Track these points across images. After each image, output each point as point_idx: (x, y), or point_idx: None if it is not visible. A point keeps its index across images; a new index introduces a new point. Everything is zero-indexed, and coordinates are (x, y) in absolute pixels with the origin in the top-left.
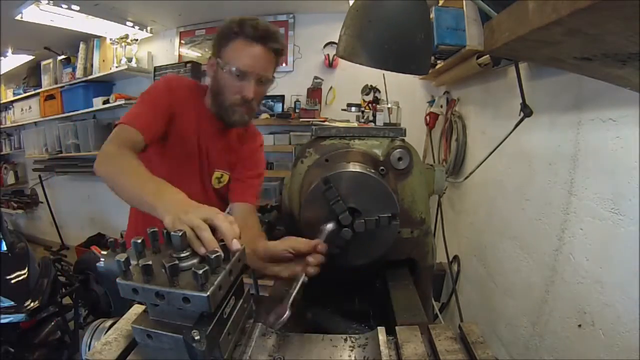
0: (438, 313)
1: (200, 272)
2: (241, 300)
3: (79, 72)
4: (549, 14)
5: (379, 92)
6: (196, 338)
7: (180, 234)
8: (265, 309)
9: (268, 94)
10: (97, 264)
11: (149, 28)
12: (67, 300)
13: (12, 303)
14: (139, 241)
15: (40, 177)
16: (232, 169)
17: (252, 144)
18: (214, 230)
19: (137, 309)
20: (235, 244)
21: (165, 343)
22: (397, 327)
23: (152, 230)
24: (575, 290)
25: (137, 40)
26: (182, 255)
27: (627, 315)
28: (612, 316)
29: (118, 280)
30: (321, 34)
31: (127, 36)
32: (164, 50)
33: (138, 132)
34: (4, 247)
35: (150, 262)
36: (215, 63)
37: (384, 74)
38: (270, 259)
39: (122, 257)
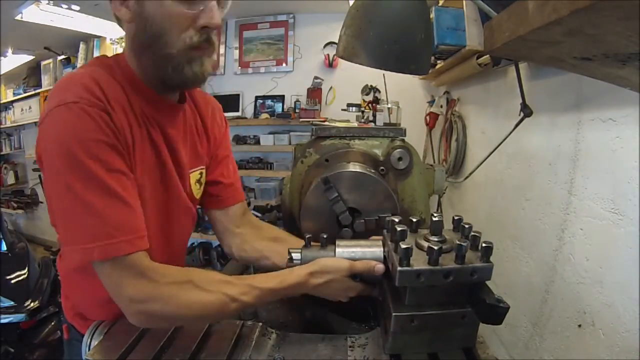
0: None
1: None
2: None
3: None
4: (549, 14)
5: (379, 92)
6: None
7: (436, 219)
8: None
9: (268, 93)
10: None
11: None
12: None
13: (12, 303)
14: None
15: (40, 177)
16: (206, 160)
17: (214, 110)
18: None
19: None
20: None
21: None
22: None
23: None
24: (575, 290)
25: None
26: (438, 239)
27: (627, 315)
28: (612, 316)
29: (399, 269)
30: (321, 34)
31: None
32: None
33: (137, 253)
34: (4, 247)
35: (439, 245)
36: None
37: (384, 74)
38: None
39: (407, 244)
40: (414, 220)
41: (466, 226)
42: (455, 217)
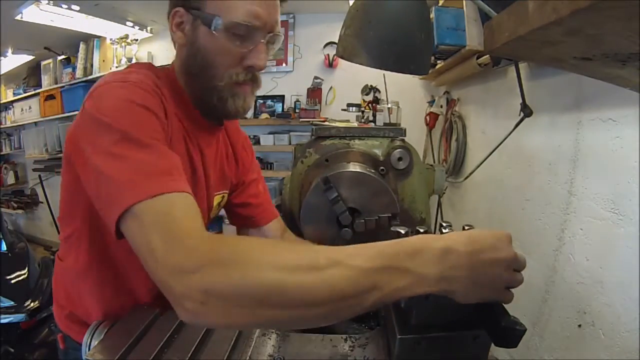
0: None
1: None
2: None
3: (79, 72)
4: (549, 14)
5: (379, 92)
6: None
7: (446, 230)
8: None
9: (268, 93)
10: None
11: (149, 28)
12: None
13: (12, 303)
14: None
15: (40, 177)
16: (233, 184)
17: (243, 139)
18: None
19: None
20: None
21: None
22: None
23: None
24: (575, 290)
25: (137, 40)
26: None
27: (627, 315)
28: (612, 316)
29: None
30: (321, 34)
31: (127, 36)
32: (164, 50)
33: (187, 194)
34: (4, 247)
35: None
36: (192, 18)
37: (384, 74)
38: None
39: None
40: (421, 231)
41: None
42: (466, 227)
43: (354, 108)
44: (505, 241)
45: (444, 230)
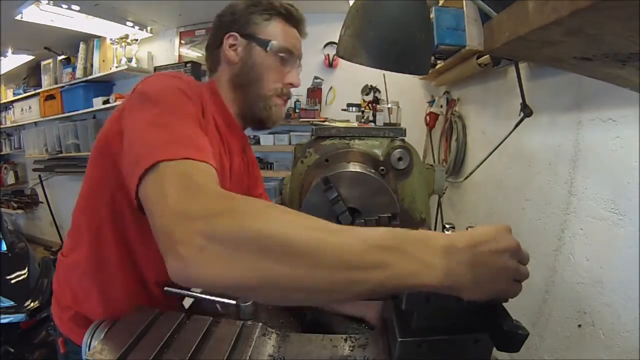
0: None
1: None
2: None
3: (79, 72)
4: (549, 14)
5: (379, 92)
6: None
7: (449, 233)
8: None
9: None
10: None
11: (149, 28)
12: None
13: (12, 303)
14: None
15: (40, 177)
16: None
17: (253, 157)
18: None
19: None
20: None
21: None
22: None
23: None
24: (575, 290)
25: (137, 40)
26: None
27: (627, 315)
28: (612, 316)
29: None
30: (321, 34)
31: (127, 36)
32: (164, 50)
33: (212, 167)
34: (4, 247)
35: None
36: (246, 42)
37: (384, 74)
38: None
39: None
40: None
41: None
42: (469, 228)
43: (354, 108)
44: (505, 232)
45: (446, 233)
